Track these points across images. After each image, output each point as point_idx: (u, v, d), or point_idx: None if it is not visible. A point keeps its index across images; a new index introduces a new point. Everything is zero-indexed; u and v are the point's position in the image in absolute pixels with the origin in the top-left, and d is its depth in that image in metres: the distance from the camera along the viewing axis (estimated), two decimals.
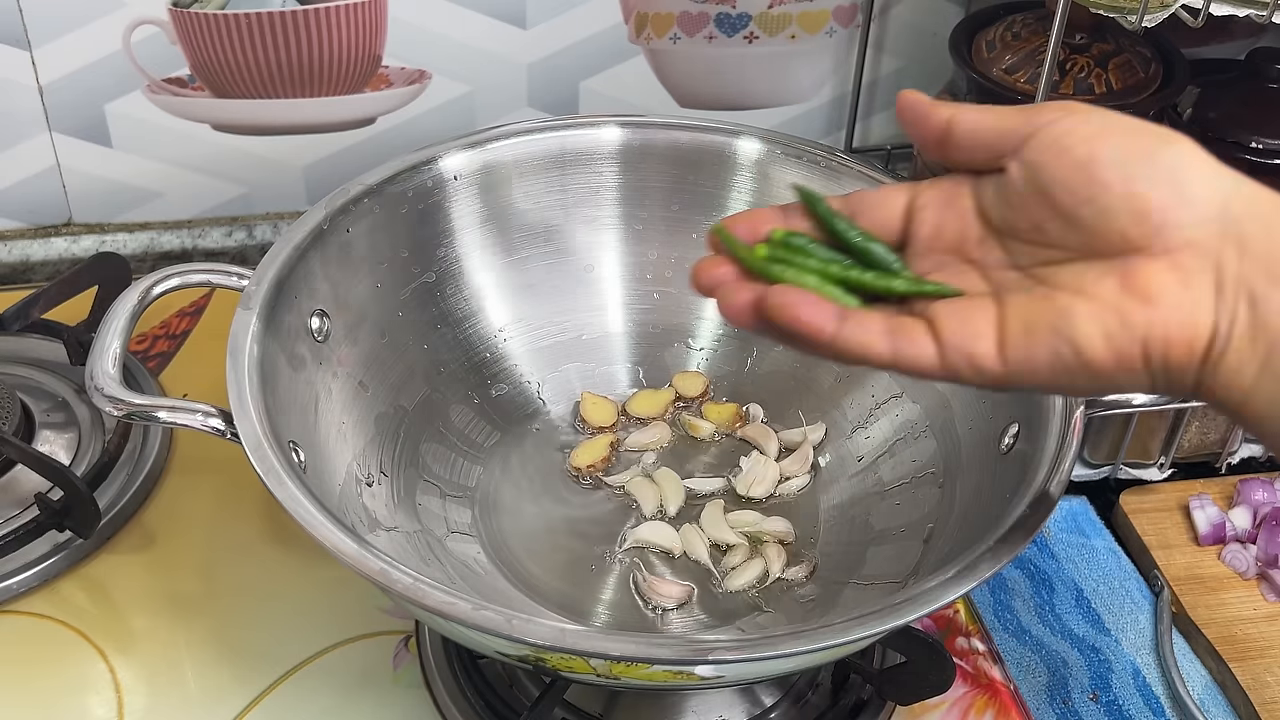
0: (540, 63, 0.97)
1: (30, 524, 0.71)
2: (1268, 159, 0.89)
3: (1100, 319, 0.44)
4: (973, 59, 0.86)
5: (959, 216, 0.50)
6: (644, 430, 0.75)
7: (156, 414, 0.57)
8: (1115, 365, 0.45)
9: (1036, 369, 0.46)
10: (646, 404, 0.76)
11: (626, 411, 0.76)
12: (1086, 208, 0.45)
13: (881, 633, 0.50)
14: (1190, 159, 0.45)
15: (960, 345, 0.46)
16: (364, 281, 0.69)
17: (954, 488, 0.65)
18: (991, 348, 0.46)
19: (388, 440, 0.68)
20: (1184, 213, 0.44)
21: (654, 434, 0.74)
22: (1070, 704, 0.68)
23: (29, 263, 0.97)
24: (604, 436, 0.74)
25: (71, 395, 0.81)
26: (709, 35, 0.98)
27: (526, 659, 0.53)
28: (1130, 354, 0.44)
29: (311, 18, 0.91)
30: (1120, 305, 0.44)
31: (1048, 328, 0.45)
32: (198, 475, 0.78)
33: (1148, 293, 0.44)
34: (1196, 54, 0.90)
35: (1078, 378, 0.45)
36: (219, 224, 0.99)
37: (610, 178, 0.75)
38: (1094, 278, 0.45)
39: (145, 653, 0.68)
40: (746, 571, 0.67)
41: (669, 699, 0.64)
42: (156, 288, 0.62)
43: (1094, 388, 0.46)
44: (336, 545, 0.51)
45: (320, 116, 0.96)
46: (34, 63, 0.90)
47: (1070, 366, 0.45)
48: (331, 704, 0.66)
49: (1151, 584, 0.75)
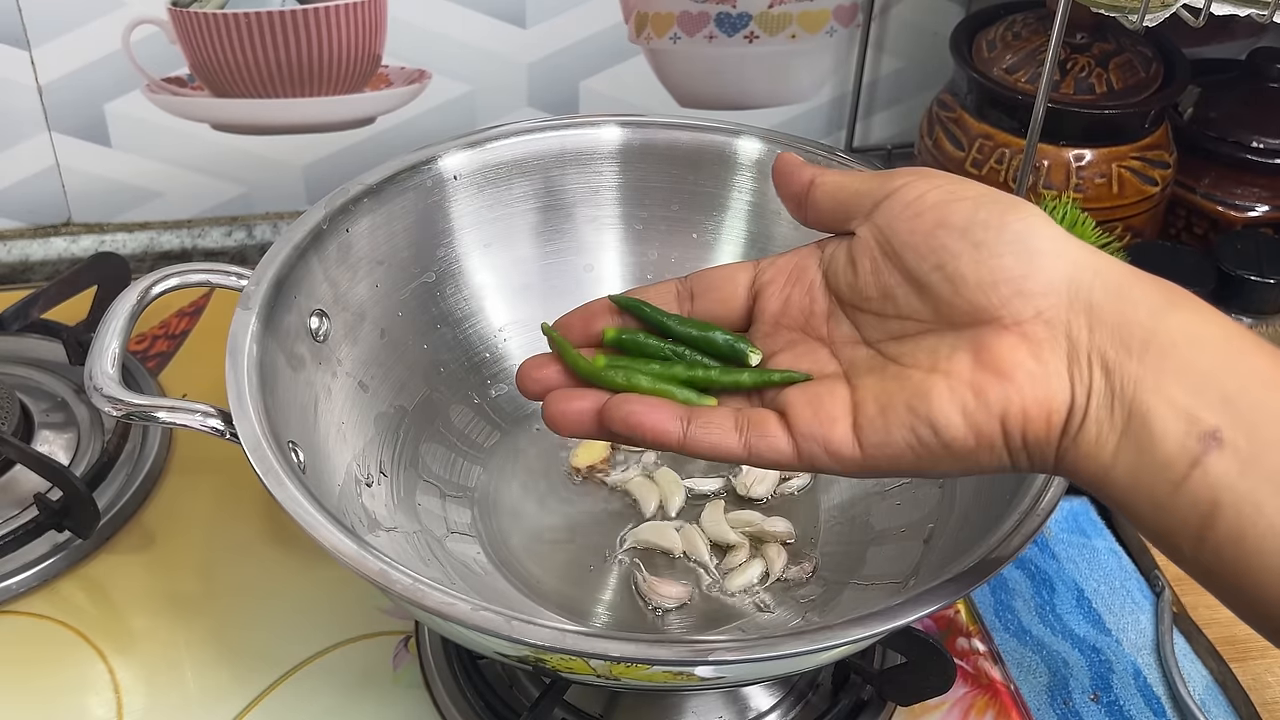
0: (540, 62, 0.97)
1: (29, 524, 0.71)
2: (1268, 159, 0.89)
3: (957, 396, 0.44)
4: (973, 58, 0.86)
5: (806, 291, 0.49)
6: None
7: (155, 414, 0.57)
8: (975, 443, 0.44)
9: (896, 452, 0.45)
10: None
11: None
12: (935, 273, 0.45)
13: (882, 633, 0.50)
14: (1038, 228, 0.44)
15: (814, 433, 0.46)
16: (363, 281, 0.69)
17: (955, 488, 0.65)
18: (847, 432, 0.45)
19: (387, 440, 0.68)
20: (1032, 282, 0.43)
21: None
22: (1071, 704, 0.68)
23: (28, 262, 0.97)
24: None
25: (71, 395, 0.81)
26: (709, 35, 0.97)
27: (526, 660, 0.53)
28: (989, 431, 0.44)
29: (311, 17, 0.91)
30: (975, 381, 0.43)
31: (903, 407, 0.44)
32: (197, 475, 0.78)
33: (1001, 367, 0.43)
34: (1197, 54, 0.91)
35: (940, 459, 0.45)
36: (218, 224, 0.99)
37: (610, 178, 0.75)
38: (947, 353, 0.44)
39: (144, 653, 0.68)
40: (747, 572, 0.67)
41: (669, 699, 0.64)
42: (156, 288, 0.62)
43: (956, 468, 0.45)
44: (336, 546, 0.51)
45: (320, 116, 0.96)
46: (33, 62, 0.90)
47: (931, 447, 0.44)
48: (331, 704, 0.66)
49: (1152, 584, 0.75)
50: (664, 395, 0.48)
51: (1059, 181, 0.83)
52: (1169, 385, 0.42)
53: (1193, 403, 0.41)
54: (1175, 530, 0.42)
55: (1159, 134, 0.85)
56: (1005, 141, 0.84)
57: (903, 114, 1.05)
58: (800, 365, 0.48)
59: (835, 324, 0.49)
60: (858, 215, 0.48)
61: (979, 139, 0.85)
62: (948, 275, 0.44)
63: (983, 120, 0.85)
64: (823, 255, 0.50)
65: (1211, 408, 0.41)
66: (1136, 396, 0.42)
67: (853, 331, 0.48)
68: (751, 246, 0.74)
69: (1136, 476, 0.42)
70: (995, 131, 0.85)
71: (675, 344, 0.50)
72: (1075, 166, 0.83)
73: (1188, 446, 0.41)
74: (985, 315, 0.44)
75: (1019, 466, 0.45)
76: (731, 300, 0.51)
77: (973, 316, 0.44)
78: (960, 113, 0.87)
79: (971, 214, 0.45)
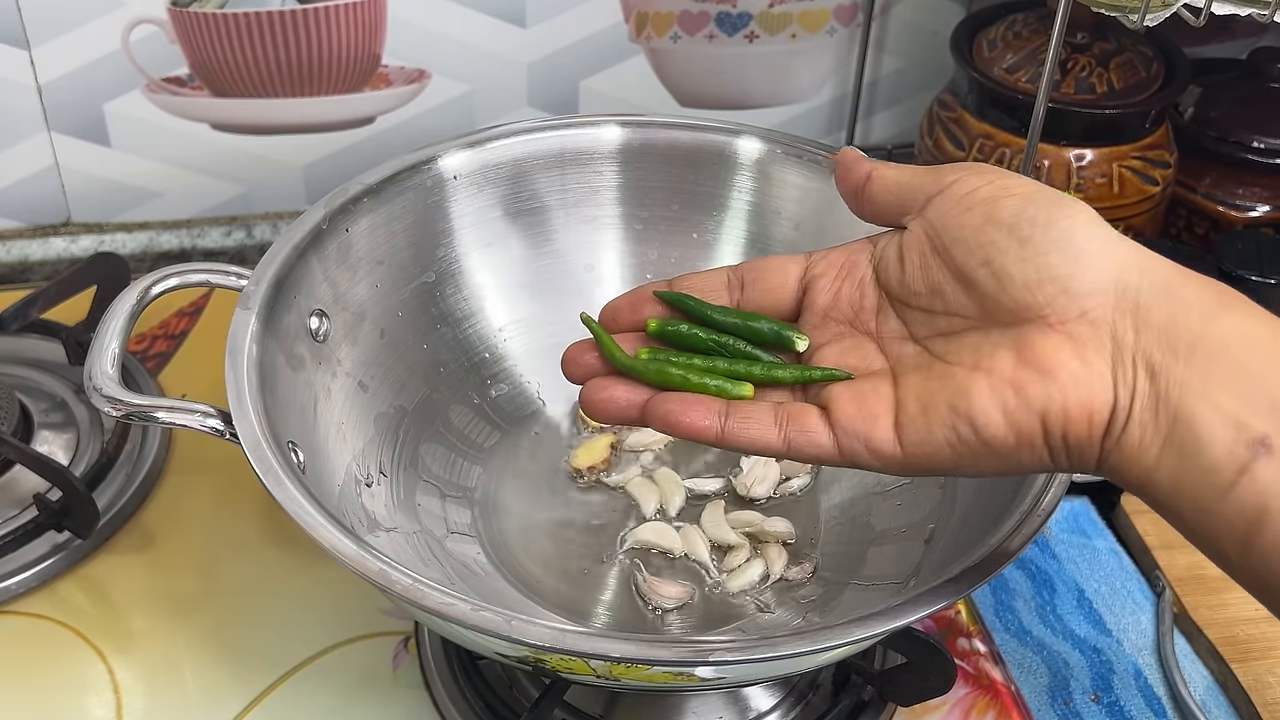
0: (540, 62, 0.97)
1: (29, 524, 0.71)
2: (1268, 159, 0.89)
3: (998, 394, 0.43)
4: (974, 58, 0.86)
5: (856, 285, 0.50)
6: (644, 430, 0.74)
7: (155, 414, 0.57)
8: (1016, 442, 0.44)
9: (936, 450, 0.45)
10: None
11: None
12: (983, 269, 0.45)
13: (883, 634, 0.50)
14: (1087, 226, 0.44)
15: (856, 430, 0.46)
16: (363, 281, 0.69)
17: (955, 488, 0.65)
18: (889, 430, 0.46)
19: (387, 440, 0.68)
20: (1078, 281, 0.43)
21: (654, 434, 0.74)
22: (1071, 705, 0.68)
23: (28, 263, 0.97)
24: (604, 436, 0.74)
25: (70, 395, 0.81)
26: (709, 34, 0.97)
27: (526, 660, 0.53)
28: (1030, 429, 0.43)
29: (311, 17, 0.91)
30: (1017, 379, 0.43)
31: (945, 405, 0.44)
32: (196, 475, 0.78)
33: (1044, 365, 0.43)
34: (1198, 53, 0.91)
35: (980, 457, 0.45)
36: (218, 224, 0.99)
37: (610, 177, 0.75)
38: (990, 350, 0.44)
39: (144, 653, 0.68)
40: (747, 572, 0.67)
41: (669, 700, 0.64)
42: (155, 288, 0.62)
43: (997, 467, 0.45)
44: (336, 546, 0.51)
45: (320, 116, 0.96)
46: (33, 62, 0.90)
47: (971, 445, 0.44)
48: (331, 704, 0.66)
49: (1153, 584, 0.75)
50: (699, 390, 0.48)
51: (1060, 181, 0.83)
52: (1216, 390, 0.41)
53: (1241, 408, 0.41)
54: (1221, 536, 0.42)
55: (1160, 134, 0.85)
56: (1006, 141, 0.84)
57: (903, 114, 1.05)
58: (847, 360, 0.48)
59: (884, 319, 0.49)
60: (912, 209, 0.48)
61: (979, 139, 0.85)
62: (994, 272, 0.44)
63: (983, 120, 0.85)
64: (874, 250, 0.50)
65: (1261, 414, 0.40)
66: (1182, 401, 0.41)
67: (901, 327, 0.48)
68: (751, 246, 0.74)
69: (1181, 481, 0.42)
70: (996, 131, 0.85)
71: (719, 334, 0.50)
72: (1076, 166, 0.83)
73: (1235, 453, 0.40)
74: (1031, 313, 0.44)
75: (1060, 466, 0.45)
76: (781, 291, 0.51)
77: (1018, 314, 0.44)
78: (961, 112, 0.87)
79: (1020, 210, 0.44)
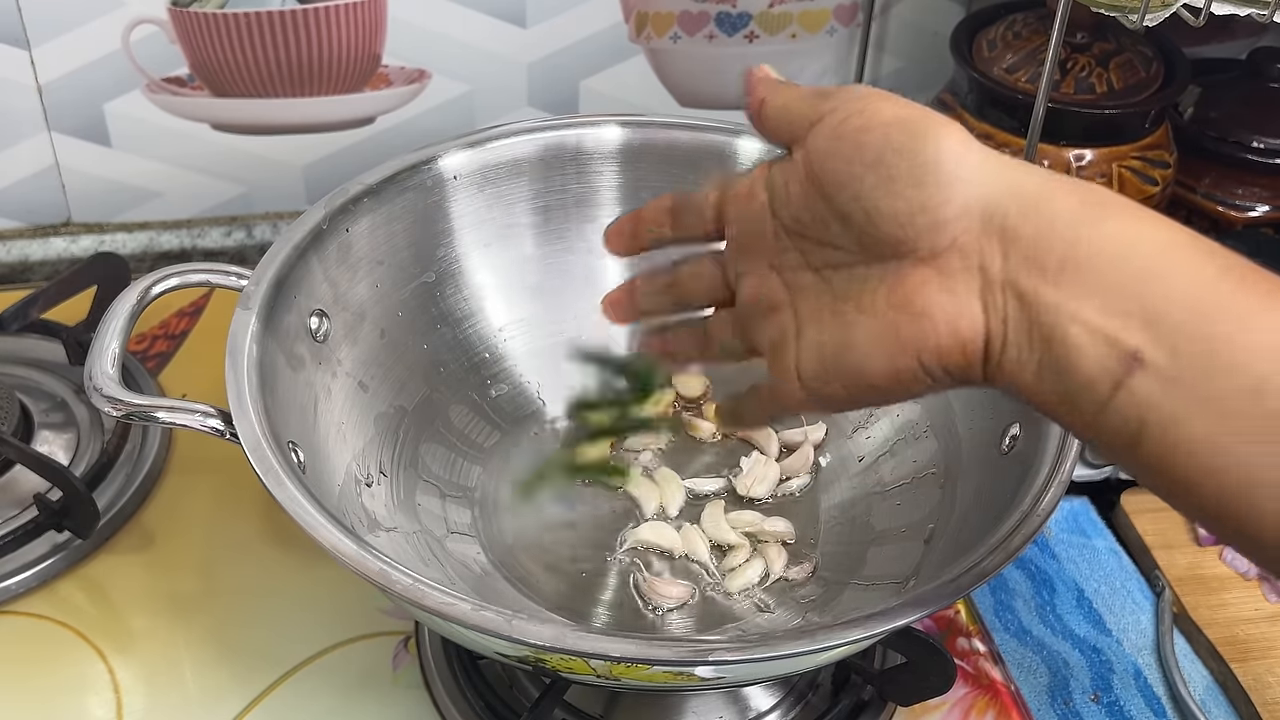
0: (540, 62, 0.97)
1: (29, 524, 0.71)
2: (1268, 159, 0.89)
3: (879, 341, 0.44)
4: (973, 58, 0.86)
5: (756, 213, 0.49)
6: (644, 430, 0.74)
7: (155, 414, 0.57)
8: (900, 380, 0.45)
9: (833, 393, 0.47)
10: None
11: None
12: (853, 204, 0.44)
13: (882, 633, 0.50)
14: (954, 151, 0.43)
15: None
16: (363, 281, 0.69)
17: (955, 488, 0.65)
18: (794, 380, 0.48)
19: (387, 440, 0.68)
20: (945, 209, 0.42)
21: (654, 434, 0.74)
22: (1071, 704, 0.68)
23: (28, 263, 0.97)
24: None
25: (70, 395, 0.81)
26: (709, 34, 0.97)
27: (526, 660, 0.53)
28: (910, 368, 0.44)
29: (311, 17, 0.91)
30: (892, 322, 0.44)
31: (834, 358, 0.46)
32: (197, 475, 0.78)
33: (913, 306, 0.43)
34: (1198, 53, 0.90)
35: (875, 396, 0.46)
36: (218, 224, 0.99)
37: (610, 177, 0.75)
38: (872, 289, 0.45)
39: (144, 653, 0.68)
40: (747, 572, 0.67)
41: (669, 700, 0.64)
42: (155, 288, 0.62)
43: (891, 400, 0.47)
44: (336, 546, 0.51)
45: (320, 116, 0.96)
46: (33, 62, 0.90)
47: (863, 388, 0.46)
48: (331, 704, 0.66)
49: (1153, 584, 0.75)
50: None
51: None
52: (1086, 307, 0.40)
53: (1112, 323, 0.40)
54: (1109, 444, 0.42)
55: (1159, 134, 0.85)
56: (1005, 141, 0.84)
57: None
58: (756, 294, 0.49)
59: (782, 249, 0.48)
60: (798, 136, 0.47)
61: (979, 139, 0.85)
62: (864, 208, 0.44)
63: (983, 120, 0.85)
64: (768, 177, 0.49)
65: (1132, 327, 0.40)
66: (1054, 323, 0.41)
67: (798, 257, 0.48)
68: None
69: (1062, 396, 0.42)
70: (995, 131, 0.85)
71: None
72: (1076, 166, 0.83)
73: (1109, 368, 0.40)
74: (905, 248, 0.43)
75: (948, 387, 0.45)
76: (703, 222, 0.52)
77: (894, 249, 0.43)
78: (960, 112, 0.87)
79: (883, 143, 0.43)
